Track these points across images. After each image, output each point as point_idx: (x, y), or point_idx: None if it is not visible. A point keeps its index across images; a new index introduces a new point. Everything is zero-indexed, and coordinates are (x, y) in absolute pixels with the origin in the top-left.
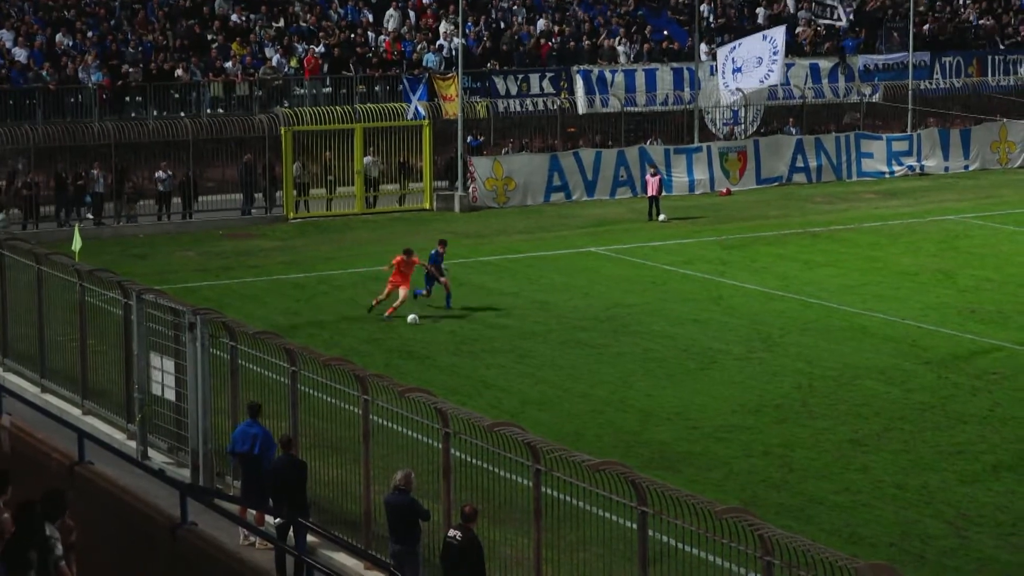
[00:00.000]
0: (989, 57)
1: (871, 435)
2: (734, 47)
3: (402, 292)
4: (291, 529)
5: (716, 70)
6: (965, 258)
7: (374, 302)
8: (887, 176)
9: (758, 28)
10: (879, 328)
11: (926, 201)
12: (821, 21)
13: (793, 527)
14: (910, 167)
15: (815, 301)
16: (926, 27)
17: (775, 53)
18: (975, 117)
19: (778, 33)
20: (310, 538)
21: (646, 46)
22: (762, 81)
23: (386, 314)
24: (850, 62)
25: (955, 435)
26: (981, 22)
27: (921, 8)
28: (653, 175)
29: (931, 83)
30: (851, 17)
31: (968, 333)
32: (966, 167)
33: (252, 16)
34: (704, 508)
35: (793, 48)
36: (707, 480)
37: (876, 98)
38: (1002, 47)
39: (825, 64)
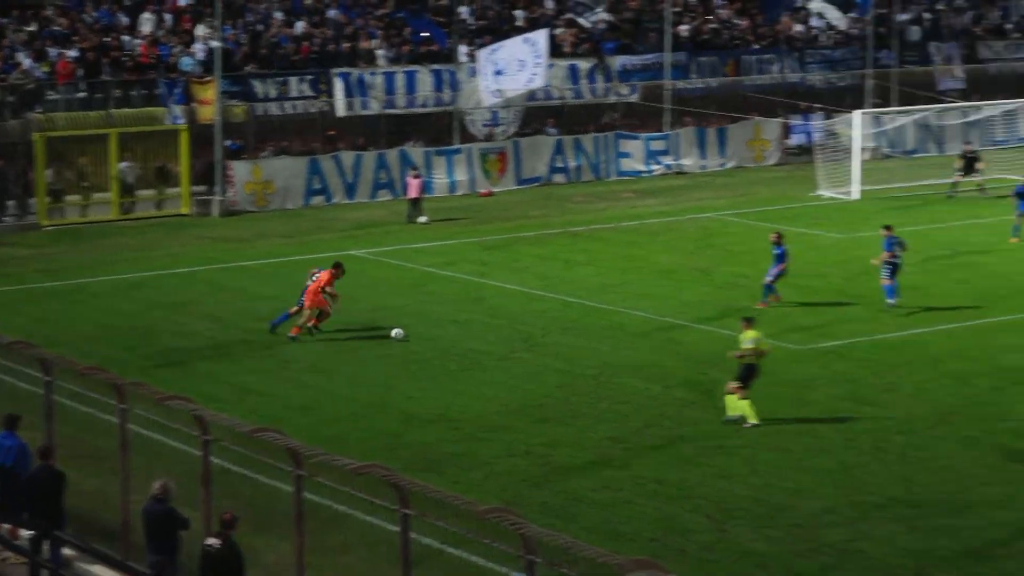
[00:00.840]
0: (744, 57)
1: (632, 432)
2: (495, 49)
3: (309, 312)
4: (46, 541)
5: (477, 72)
6: (722, 255)
7: (311, 323)
8: (645, 175)
9: (517, 30)
10: (638, 326)
11: (683, 199)
12: (583, 20)
13: (556, 525)
14: (667, 166)
15: (575, 300)
16: (683, 27)
17: (538, 57)
18: (731, 116)
19: (540, 36)
20: (66, 551)
21: (405, 48)
22: (527, 85)
23: (291, 333)
24: (608, 63)
25: (713, 430)
26: (736, 22)
27: (677, 9)
28: (415, 177)
29: (688, 83)
30: (608, 17)
31: (725, 329)
32: (722, 165)
33: (3, 20)
34: (466, 509)
35: (552, 49)
36: (469, 481)
37: (634, 98)
38: (756, 47)
39: (583, 65)
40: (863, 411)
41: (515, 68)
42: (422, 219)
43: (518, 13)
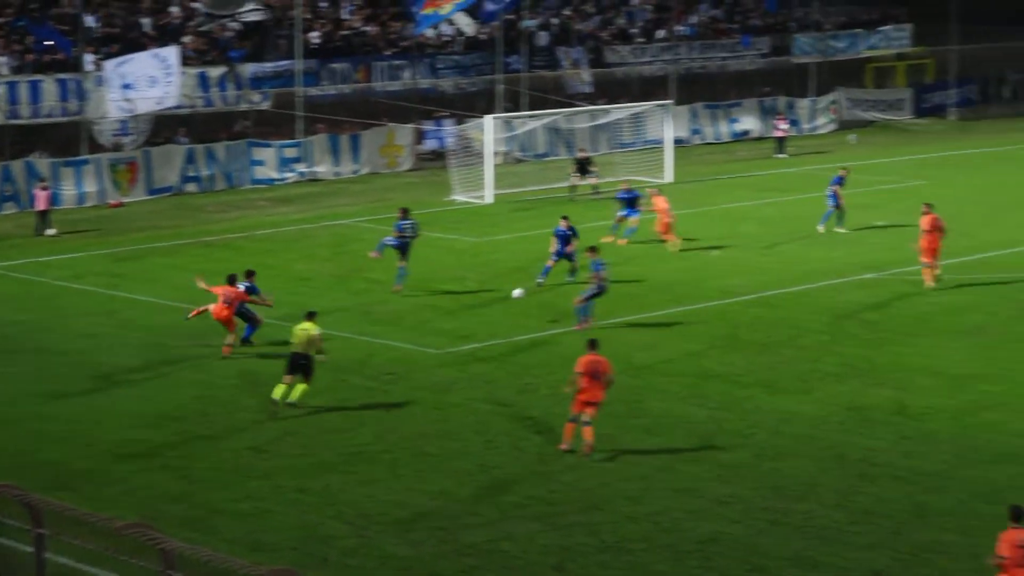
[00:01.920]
0: (375, 63)
1: (271, 441)
2: (122, 62)
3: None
4: None
5: (104, 84)
6: (357, 261)
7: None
8: (279, 183)
9: (145, 36)
10: (276, 334)
11: (318, 206)
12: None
13: (195, 539)
14: (301, 173)
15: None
16: (312, 34)
17: (169, 74)
18: (364, 123)
19: (171, 53)
20: None
21: (29, 56)
22: (159, 103)
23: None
24: (239, 71)
25: (354, 436)
26: (366, 29)
27: (307, 16)
28: (42, 189)
29: (320, 90)
30: (237, 25)
31: (363, 335)
32: (356, 172)
33: None
34: (103, 526)
35: (181, 58)
36: (105, 497)
37: (266, 106)
38: (387, 53)
39: (214, 73)
40: (501, 412)
41: (146, 84)
42: (50, 231)
43: (145, 21)
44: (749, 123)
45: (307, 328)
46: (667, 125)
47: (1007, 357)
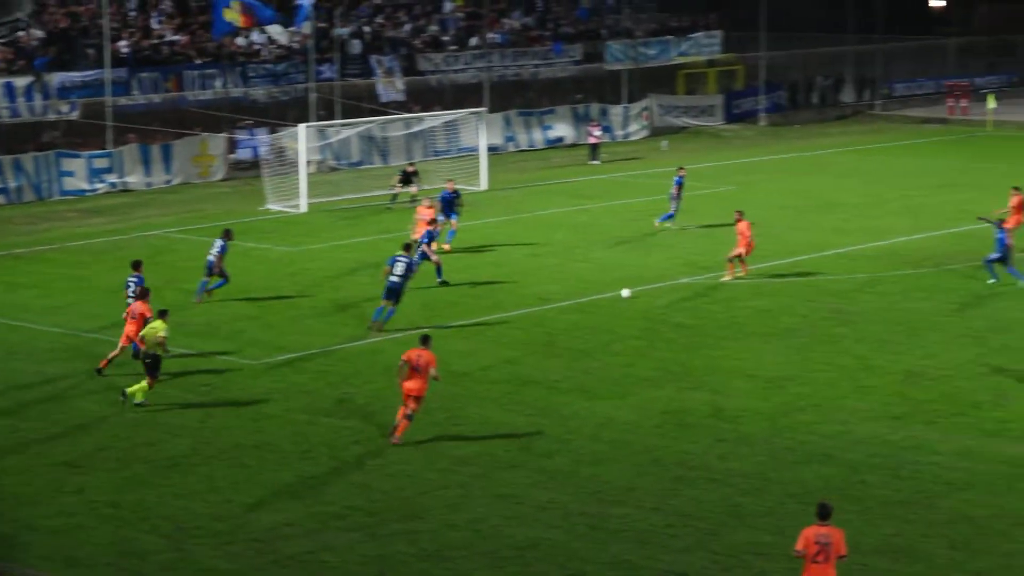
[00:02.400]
0: (186, 72)
1: (85, 455)
2: None
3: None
4: None
5: None
6: (170, 273)
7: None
8: (89, 194)
9: None
10: (88, 347)
11: (129, 218)
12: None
13: (7, 556)
14: (112, 184)
15: (21, 323)
16: (122, 43)
17: None
18: (175, 132)
19: None
20: None
21: None
22: None
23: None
24: (45, 80)
25: (169, 449)
26: (176, 38)
27: (115, 25)
28: None
29: (130, 99)
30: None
31: (178, 347)
32: (168, 182)
33: None
34: None
35: None
36: None
37: (75, 116)
38: (198, 62)
39: (20, 82)
40: (319, 422)
41: None
42: None
43: None
44: (563, 130)
45: (155, 327)
46: (481, 132)
47: (818, 359)
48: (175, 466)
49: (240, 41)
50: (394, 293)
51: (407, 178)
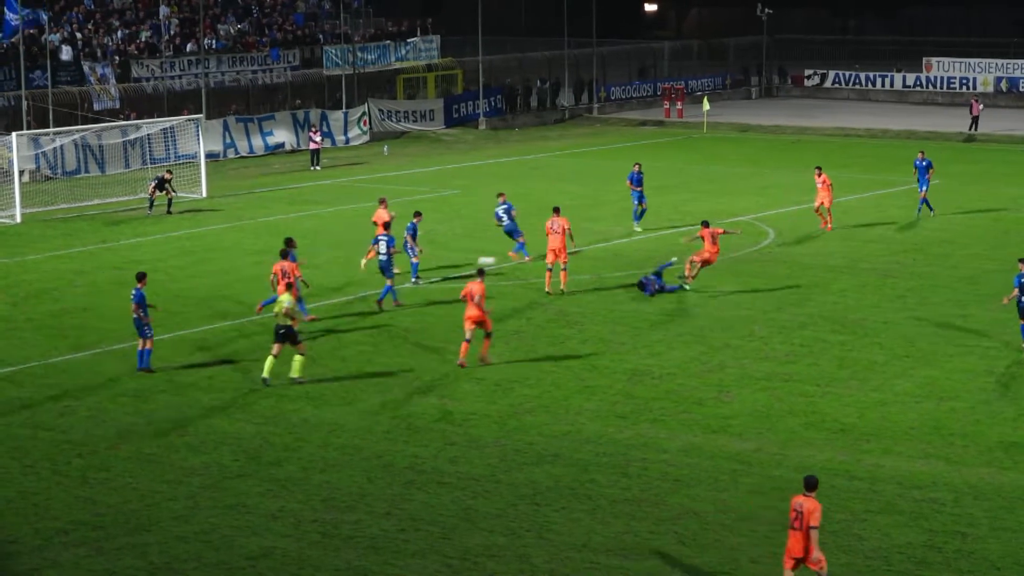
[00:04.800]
0: None
1: None
2: None
3: None
4: None
5: None
6: None
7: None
8: None
9: None
10: None
11: None
12: None
13: None
14: None
15: None
16: None
17: None
18: None
19: None
20: None
21: None
22: None
23: None
24: None
25: None
26: None
27: None
28: None
29: None
30: None
31: None
32: None
33: None
34: None
35: None
36: None
37: None
38: None
39: None
40: (40, 436)
41: None
42: None
43: None
44: (283, 136)
45: (282, 300)
46: (199, 139)
47: (544, 361)
48: None
49: None
50: (385, 269)
51: (161, 184)
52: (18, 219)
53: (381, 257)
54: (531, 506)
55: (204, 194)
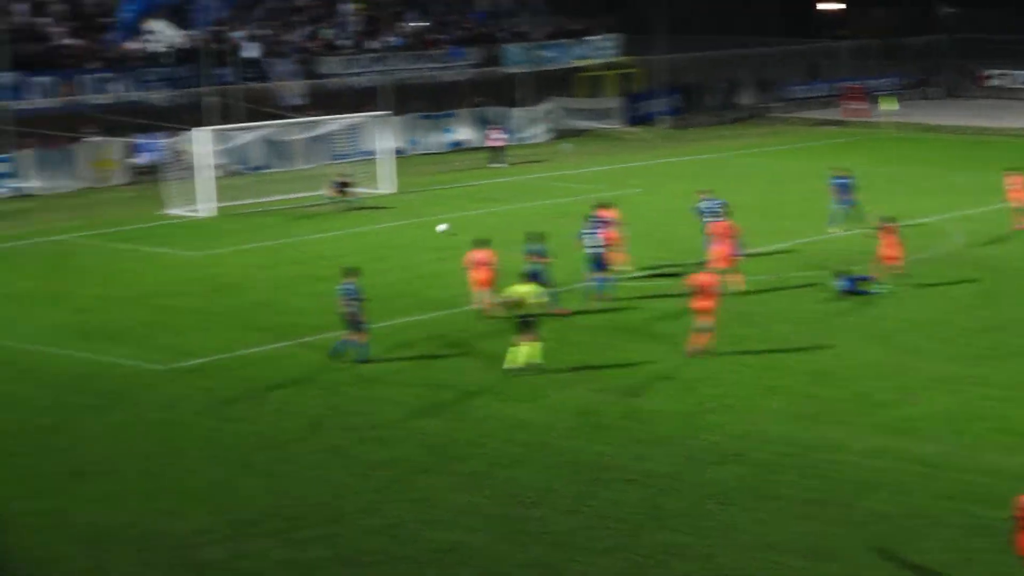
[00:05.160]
0: (82, 77)
1: None
2: None
3: None
4: None
5: None
6: (75, 277)
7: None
8: None
9: None
10: None
11: (31, 222)
12: None
13: None
14: (13, 189)
15: None
16: (16, 48)
17: None
18: (75, 137)
19: None
20: None
21: None
22: None
23: None
24: None
25: (79, 456)
26: (71, 42)
27: (7, 27)
28: None
29: (28, 103)
30: None
31: (84, 352)
32: (69, 187)
33: None
34: None
35: None
36: None
37: None
38: (94, 66)
39: None
40: (230, 428)
41: None
42: None
43: None
44: (464, 133)
45: (523, 290)
46: (385, 136)
47: (726, 360)
48: (86, 473)
49: (135, 45)
50: (596, 263)
51: (341, 187)
52: (206, 213)
53: (593, 250)
54: (717, 505)
55: (386, 190)
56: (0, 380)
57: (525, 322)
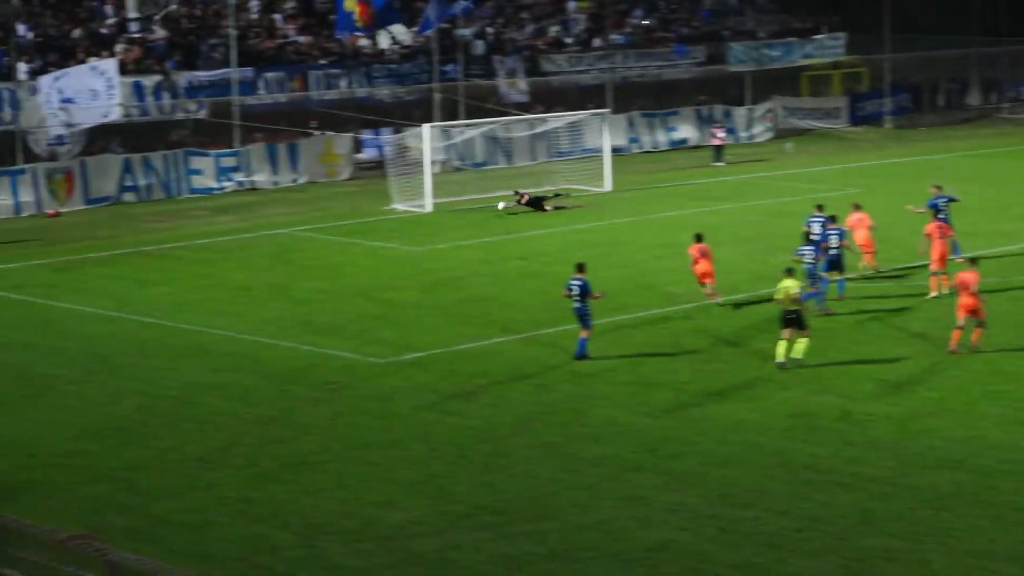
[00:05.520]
0: (311, 72)
1: (215, 452)
2: (59, 76)
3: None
4: None
5: (39, 95)
6: (298, 271)
7: None
8: (217, 192)
9: (77, 46)
10: (217, 345)
11: (256, 216)
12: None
13: (142, 550)
14: (239, 183)
15: (152, 320)
16: (247, 43)
17: (111, 88)
18: (301, 131)
19: (109, 65)
20: None
21: None
22: (105, 116)
23: None
24: (174, 79)
25: (298, 446)
26: (300, 38)
27: (241, 23)
28: None
29: (257, 99)
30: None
31: (306, 345)
32: (295, 181)
33: None
34: (47, 537)
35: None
36: (49, 509)
37: (202, 115)
38: (322, 62)
39: (148, 81)
40: (446, 421)
41: (87, 97)
42: None
43: (77, 31)
44: (686, 132)
45: (788, 286)
46: (605, 134)
47: (947, 363)
48: (304, 463)
49: (364, 41)
50: (835, 263)
51: (534, 202)
52: (429, 208)
53: (835, 251)
54: (931, 511)
55: (607, 188)
56: (225, 370)
57: (790, 318)
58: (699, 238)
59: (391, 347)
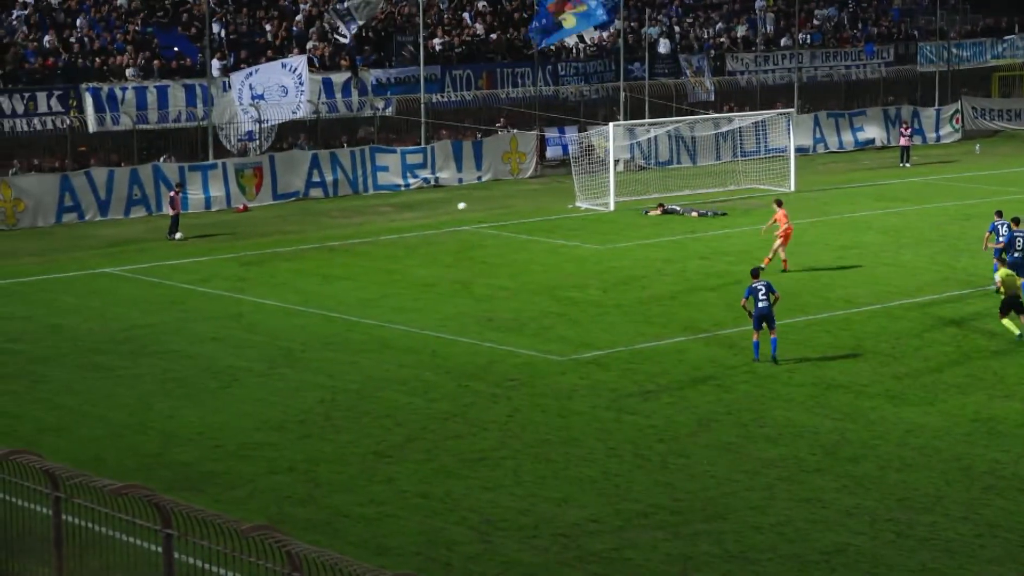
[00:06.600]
0: (498, 70)
1: (395, 446)
2: (251, 73)
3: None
4: None
5: (231, 91)
6: (480, 268)
7: None
8: (403, 189)
9: (268, 44)
10: (399, 340)
11: (441, 212)
12: (339, 36)
13: (320, 542)
14: (425, 179)
15: (336, 315)
16: (436, 41)
17: (300, 84)
18: (487, 129)
19: (299, 62)
20: None
21: (156, 62)
22: (294, 113)
23: None
24: (362, 76)
25: (476, 442)
26: (489, 36)
27: (430, 22)
28: (177, 193)
29: (443, 96)
30: (354, 32)
31: (487, 341)
32: (479, 178)
33: None
34: (230, 527)
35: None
36: (232, 499)
37: (389, 112)
38: (510, 60)
39: (338, 78)
40: (624, 420)
41: (278, 94)
42: (178, 235)
43: (268, 27)
44: (873, 132)
45: (1011, 273)
46: (790, 134)
47: None
48: (482, 459)
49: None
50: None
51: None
52: (612, 207)
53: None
54: None
55: (792, 188)
56: (407, 365)
57: (1009, 304)
58: (779, 203)
59: (571, 345)
